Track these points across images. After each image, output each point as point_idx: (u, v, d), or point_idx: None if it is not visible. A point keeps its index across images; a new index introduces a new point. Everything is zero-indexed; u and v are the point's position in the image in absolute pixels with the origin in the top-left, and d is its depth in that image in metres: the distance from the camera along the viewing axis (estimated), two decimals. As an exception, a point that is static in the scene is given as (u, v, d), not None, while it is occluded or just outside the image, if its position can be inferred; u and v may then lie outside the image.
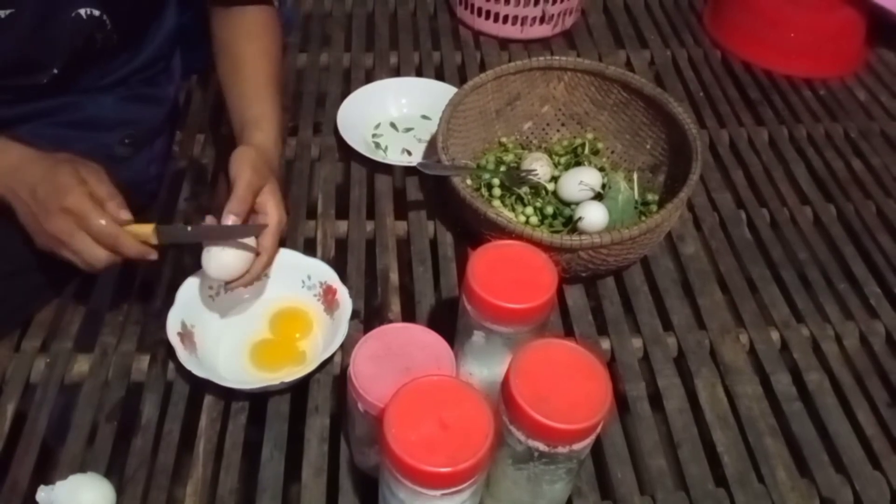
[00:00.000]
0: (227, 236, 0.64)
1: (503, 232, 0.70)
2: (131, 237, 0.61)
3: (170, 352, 0.67)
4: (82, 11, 0.67)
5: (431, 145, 0.93)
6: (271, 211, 0.66)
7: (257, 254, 0.67)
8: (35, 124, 0.72)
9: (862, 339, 0.77)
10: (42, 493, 0.58)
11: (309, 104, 1.00)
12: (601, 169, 0.85)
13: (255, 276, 0.67)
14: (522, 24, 1.11)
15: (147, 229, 0.62)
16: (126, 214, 0.61)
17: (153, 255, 0.63)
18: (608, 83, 0.87)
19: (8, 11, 0.63)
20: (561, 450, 0.50)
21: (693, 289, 0.80)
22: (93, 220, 0.59)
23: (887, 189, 0.94)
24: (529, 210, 0.81)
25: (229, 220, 0.64)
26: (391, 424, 0.47)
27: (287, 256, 0.75)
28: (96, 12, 0.68)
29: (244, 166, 0.66)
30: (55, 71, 0.69)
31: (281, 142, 0.74)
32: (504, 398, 0.50)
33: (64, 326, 0.73)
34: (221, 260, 0.65)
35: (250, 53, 0.76)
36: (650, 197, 0.83)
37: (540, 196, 0.83)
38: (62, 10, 0.66)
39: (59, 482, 0.59)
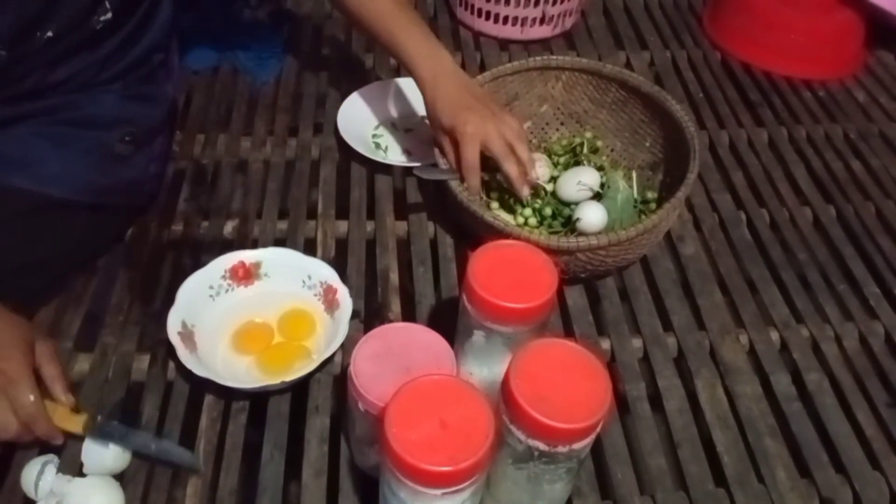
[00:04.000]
0: (162, 455, 0.62)
1: (501, 235, 0.70)
2: (49, 421, 0.60)
3: (170, 352, 0.67)
4: None
5: (431, 146, 0.93)
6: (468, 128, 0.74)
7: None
8: (35, 122, 0.72)
9: (861, 340, 0.77)
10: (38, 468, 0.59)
11: (309, 105, 1.00)
12: (600, 168, 0.85)
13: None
14: (522, 25, 1.11)
15: (77, 422, 0.61)
16: (69, 399, 0.61)
17: (59, 440, 0.61)
18: (606, 82, 0.87)
19: None
20: (561, 449, 0.50)
21: (693, 289, 0.80)
22: (21, 391, 0.58)
23: (886, 190, 0.94)
24: (528, 211, 0.81)
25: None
26: (391, 424, 0.47)
27: (288, 256, 0.75)
28: None
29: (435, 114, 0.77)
30: (50, 34, 0.67)
31: (434, 46, 0.79)
32: (504, 398, 0.50)
33: (64, 326, 0.73)
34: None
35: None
36: (650, 195, 0.83)
37: (539, 197, 0.83)
38: None
39: (76, 478, 0.59)
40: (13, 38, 0.66)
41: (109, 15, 0.71)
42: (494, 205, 0.82)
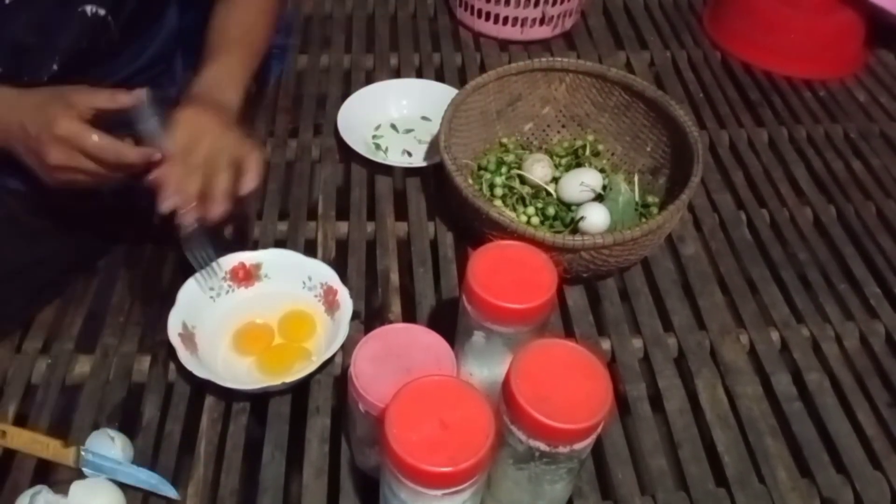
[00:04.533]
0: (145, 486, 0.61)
1: (505, 232, 0.70)
2: (126, 146, 0.61)
3: (171, 352, 0.67)
4: (88, 8, 0.67)
5: (432, 146, 0.94)
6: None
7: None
8: None
9: (862, 340, 0.77)
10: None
11: (309, 106, 1.00)
12: (601, 171, 0.85)
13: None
14: (522, 25, 1.11)
15: (67, 455, 0.61)
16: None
17: (158, 154, 0.62)
18: (609, 85, 0.87)
19: None
20: (562, 449, 0.50)
21: (693, 289, 0.80)
22: (87, 140, 0.60)
23: (887, 190, 0.94)
24: (531, 210, 0.81)
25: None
26: (392, 424, 0.47)
27: (288, 257, 0.75)
28: (101, 11, 0.68)
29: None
30: (55, 67, 0.68)
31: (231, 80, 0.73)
32: (505, 398, 0.50)
33: (65, 327, 0.73)
34: None
35: (220, 22, 0.78)
36: (651, 199, 0.83)
37: (541, 197, 0.83)
38: (68, 2, 0.66)
39: (76, 482, 0.59)
40: (15, 71, 0.67)
41: (116, 37, 0.71)
42: (498, 202, 0.82)
